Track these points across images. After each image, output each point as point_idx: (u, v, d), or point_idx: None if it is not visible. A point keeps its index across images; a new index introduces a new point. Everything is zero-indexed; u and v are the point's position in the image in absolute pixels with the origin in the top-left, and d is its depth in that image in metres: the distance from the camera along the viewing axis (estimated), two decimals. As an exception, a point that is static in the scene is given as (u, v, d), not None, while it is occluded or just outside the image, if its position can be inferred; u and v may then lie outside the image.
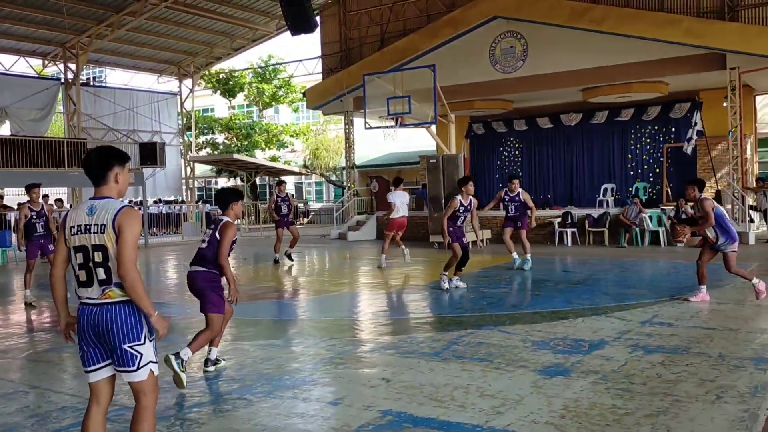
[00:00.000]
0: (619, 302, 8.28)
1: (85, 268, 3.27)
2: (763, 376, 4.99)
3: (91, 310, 3.25)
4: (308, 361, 5.97)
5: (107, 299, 3.23)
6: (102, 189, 3.35)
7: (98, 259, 3.24)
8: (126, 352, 3.22)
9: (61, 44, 23.80)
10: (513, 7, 18.39)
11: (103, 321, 3.22)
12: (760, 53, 15.33)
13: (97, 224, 3.24)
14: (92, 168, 3.35)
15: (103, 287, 3.24)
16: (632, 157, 20.35)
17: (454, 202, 9.63)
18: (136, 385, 3.29)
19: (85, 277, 3.28)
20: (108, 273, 3.24)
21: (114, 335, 3.21)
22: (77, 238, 3.28)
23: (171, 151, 27.19)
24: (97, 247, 3.24)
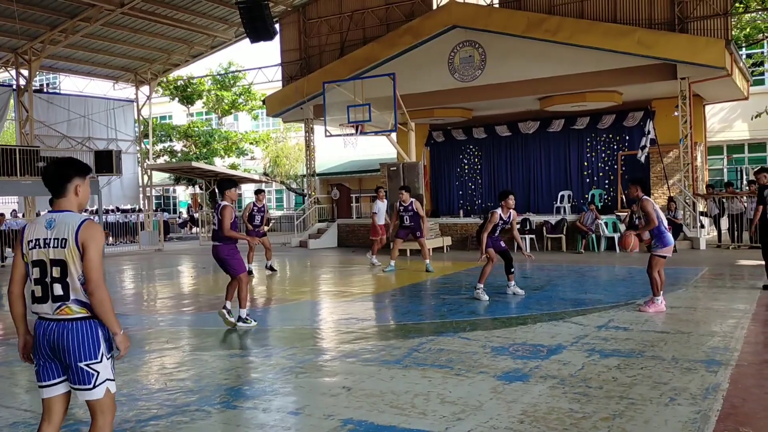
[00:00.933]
0: (577, 307, 8.43)
1: (41, 283, 3.16)
2: (714, 378, 5.13)
3: (48, 325, 3.16)
4: (268, 370, 5.92)
5: (64, 315, 3.13)
6: (61, 201, 3.25)
7: (56, 275, 3.13)
8: (82, 370, 3.14)
9: (13, 50, 23.21)
10: (470, 17, 18.65)
11: (59, 338, 3.13)
12: (708, 64, 15.84)
13: (57, 238, 3.14)
14: (51, 180, 3.25)
15: (58, 303, 3.14)
16: (588, 165, 20.78)
17: (494, 216, 9.22)
18: (93, 404, 3.20)
19: (40, 293, 3.17)
20: (66, 289, 3.14)
21: (70, 353, 3.12)
22: (35, 252, 3.17)
23: (127, 159, 26.72)
24: (55, 262, 3.14)
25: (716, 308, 8.09)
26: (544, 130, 21.17)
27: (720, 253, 15.11)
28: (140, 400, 5.09)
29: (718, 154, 25.83)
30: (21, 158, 19.48)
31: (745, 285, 9.97)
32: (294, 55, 23.21)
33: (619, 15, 17.69)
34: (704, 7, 16.88)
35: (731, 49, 16.31)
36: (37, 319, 3.22)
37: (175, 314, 9.38)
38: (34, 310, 3.21)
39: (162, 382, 5.65)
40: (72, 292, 3.14)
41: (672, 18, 17.17)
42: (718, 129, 25.01)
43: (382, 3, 21.33)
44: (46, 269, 3.15)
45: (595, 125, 20.30)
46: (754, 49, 25.05)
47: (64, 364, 3.17)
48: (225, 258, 7.69)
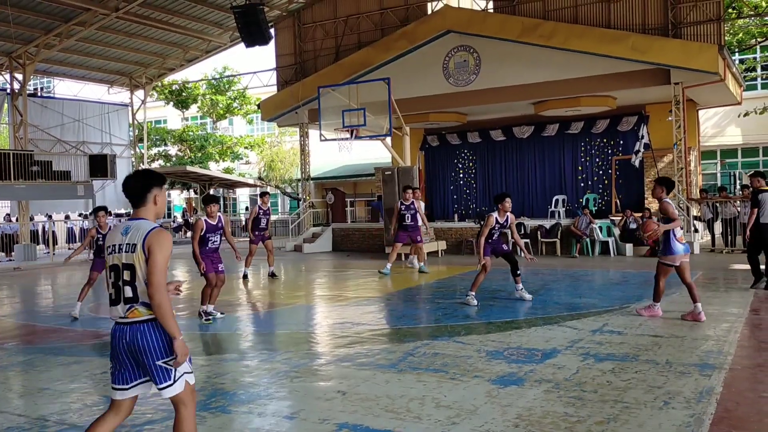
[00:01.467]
0: (571, 311, 8.45)
1: (115, 286, 3.38)
2: (708, 381, 5.15)
3: (123, 329, 3.33)
4: (263, 375, 5.92)
5: (134, 318, 3.32)
6: (140, 210, 3.48)
7: (126, 278, 3.34)
8: (161, 368, 3.31)
9: (7, 54, 23.17)
10: (465, 22, 18.71)
11: (133, 340, 3.30)
12: (702, 69, 15.92)
13: (129, 243, 3.36)
14: (132, 190, 3.48)
15: (128, 305, 3.33)
16: (582, 169, 20.84)
17: (489, 219, 9.14)
18: (175, 398, 3.38)
19: (114, 296, 3.38)
20: (134, 292, 3.33)
21: (147, 353, 3.29)
22: (111, 258, 3.41)
23: (121, 163, 26.69)
24: (126, 266, 3.35)
25: (710, 312, 8.11)
26: (538, 135, 21.23)
27: (714, 257, 15.16)
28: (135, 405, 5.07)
29: (712, 158, 25.95)
30: (15, 162, 19.45)
31: (738, 289, 10.01)
32: (289, 59, 23.23)
33: (613, 20, 17.77)
34: (697, 13, 16.98)
35: (724, 54, 16.40)
36: (114, 324, 3.42)
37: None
38: (111, 314, 3.42)
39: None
40: (141, 295, 3.33)
41: (665, 23, 17.25)
42: (711, 134, 25.14)
43: (377, 8, 21.38)
44: (119, 273, 3.36)
45: (589, 130, 20.36)
46: (747, 55, 25.20)
47: (142, 365, 3.33)
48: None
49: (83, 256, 22.30)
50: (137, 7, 21.21)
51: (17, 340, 8.10)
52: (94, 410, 4.97)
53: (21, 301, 12.35)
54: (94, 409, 4.98)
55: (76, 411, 4.98)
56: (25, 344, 7.83)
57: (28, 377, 6.17)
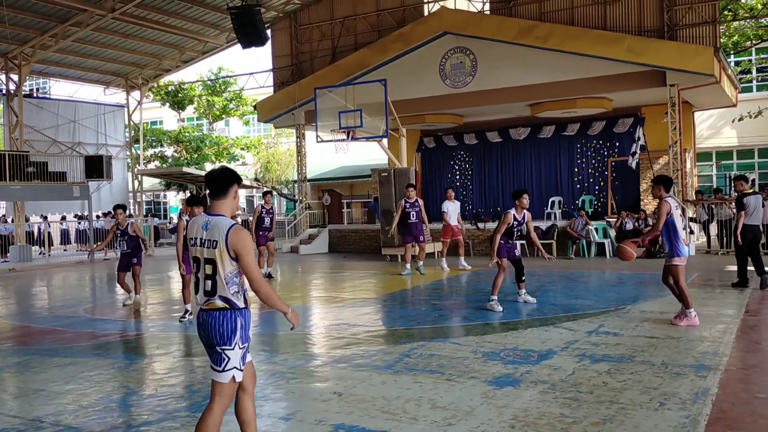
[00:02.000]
0: (567, 313, 8.46)
1: (196, 277, 3.66)
2: (704, 382, 5.16)
3: (200, 315, 3.64)
4: (260, 376, 5.89)
5: (209, 307, 3.58)
6: (218, 204, 3.66)
7: (208, 272, 3.57)
8: (218, 353, 3.55)
9: (3, 54, 23.10)
10: (461, 23, 18.73)
11: (205, 324, 3.59)
12: (697, 71, 15.97)
13: (210, 239, 3.56)
14: (217, 182, 3.67)
15: (206, 297, 3.58)
16: (578, 171, 20.87)
17: (507, 216, 8.90)
18: (218, 387, 3.57)
19: (196, 285, 3.68)
20: (213, 286, 3.57)
21: (212, 337, 3.56)
22: (194, 249, 3.66)
23: (117, 165, 26.59)
24: (207, 261, 3.57)
25: (705, 313, 8.13)
26: (534, 136, 21.26)
27: (709, 259, 15.20)
28: (131, 406, 5.08)
29: (707, 160, 26.02)
30: (10, 163, 19.37)
31: (734, 290, 10.03)
32: (285, 60, 23.22)
33: (608, 22, 17.82)
34: (693, 15, 17.03)
35: (720, 56, 16.44)
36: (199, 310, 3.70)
37: (165, 320, 9.34)
38: (198, 299, 3.69)
39: (152, 388, 5.63)
40: (219, 289, 3.55)
41: (661, 25, 17.30)
42: (706, 135, 25.21)
43: (374, 9, 21.39)
44: (200, 266, 3.61)
45: (585, 131, 20.40)
46: (742, 57, 25.28)
47: (208, 348, 3.63)
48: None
49: (81, 256, 22.31)
50: (133, 8, 21.17)
51: (12, 342, 8.08)
52: (90, 411, 4.96)
53: (16, 302, 12.31)
54: (90, 411, 4.97)
55: (71, 412, 4.97)
56: (21, 345, 7.81)
57: (24, 378, 6.15)
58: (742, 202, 10.26)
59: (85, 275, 16.62)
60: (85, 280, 15.70)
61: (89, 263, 20.16)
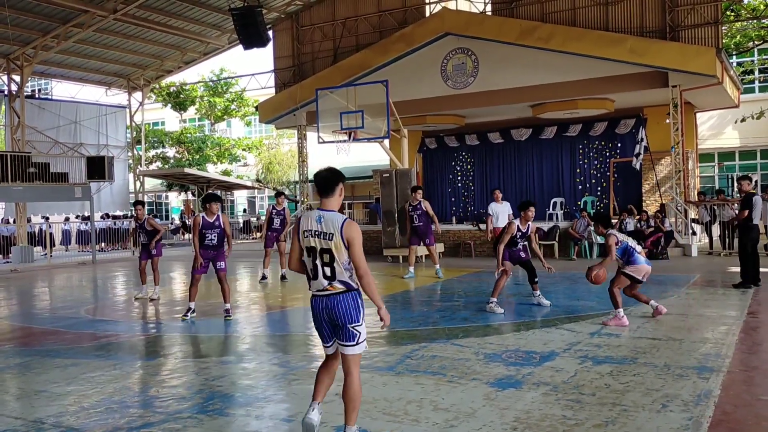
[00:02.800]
0: (569, 314, 8.45)
1: (312, 265, 4.08)
2: (706, 384, 5.15)
3: (322, 300, 4.08)
4: (261, 377, 5.91)
5: (332, 291, 4.04)
6: (328, 201, 4.15)
7: (326, 260, 4.03)
8: (350, 331, 4.03)
9: (5, 56, 23.13)
10: (463, 24, 18.72)
11: (333, 307, 4.04)
12: (699, 72, 15.95)
13: (325, 232, 4.01)
14: (326, 182, 4.15)
15: (327, 282, 4.04)
16: (580, 172, 20.85)
17: (511, 227, 8.94)
18: (350, 358, 4.05)
19: (312, 272, 4.11)
20: (332, 272, 4.03)
21: (341, 317, 4.02)
22: (308, 240, 4.08)
23: (117, 166, 26.57)
24: (324, 251, 4.02)
25: (708, 315, 8.12)
26: (536, 137, 21.24)
27: (711, 260, 15.17)
28: (132, 407, 5.07)
29: (709, 161, 26.00)
30: (12, 164, 19.39)
31: (736, 292, 10.01)
32: (287, 61, 23.23)
33: (610, 23, 17.81)
34: (695, 16, 17.01)
35: (722, 57, 16.43)
36: (312, 297, 4.16)
37: (167, 321, 9.34)
38: (310, 286, 4.15)
39: (154, 389, 5.63)
40: (338, 274, 4.03)
41: (663, 26, 17.29)
42: (708, 136, 25.19)
43: (375, 10, 21.39)
44: (316, 254, 4.05)
45: (587, 132, 20.38)
46: (745, 57, 25.25)
47: (336, 327, 4.07)
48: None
49: (83, 256, 22.32)
50: (135, 9, 21.19)
51: (14, 342, 8.08)
52: (91, 413, 4.95)
53: (18, 303, 12.32)
54: (91, 412, 4.97)
55: (73, 413, 4.97)
56: (22, 346, 7.81)
57: (25, 379, 6.15)
58: (750, 201, 10.21)
59: (86, 276, 16.63)
60: (87, 281, 15.70)
61: (91, 264, 20.16)
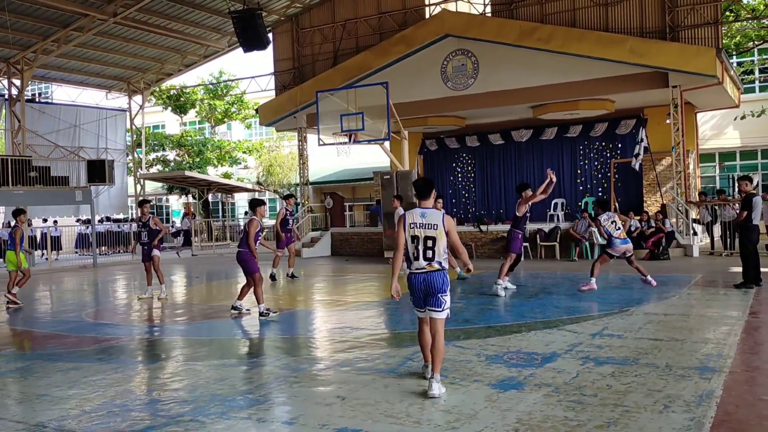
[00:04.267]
0: (571, 315, 8.44)
1: (415, 249, 5.28)
2: (708, 385, 5.14)
3: (420, 276, 5.29)
4: (263, 380, 5.90)
5: (430, 269, 5.25)
6: (425, 202, 5.44)
7: (429, 245, 5.24)
8: (438, 299, 5.23)
9: (5, 60, 23.17)
10: (463, 26, 18.73)
11: (429, 281, 5.25)
12: (699, 72, 15.95)
13: (429, 224, 5.27)
14: (425, 188, 5.46)
15: (427, 261, 5.25)
16: (581, 173, 20.84)
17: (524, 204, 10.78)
18: (437, 322, 5.24)
19: (414, 255, 5.29)
20: (433, 254, 5.25)
21: (435, 288, 5.23)
22: (413, 230, 5.28)
23: (116, 169, 26.57)
24: (428, 238, 5.25)
25: (709, 315, 8.11)
26: (537, 138, 21.23)
27: (713, 260, 15.16)
28: (133, 411, 5.07)
29: (710, 161, 25.98)
30: (13, 168, 19.41)
31: (737, 292, 10.00)
32: (287, 64, 23.24)
33: (610, 24, 17.81)
34: (695, 16, 17.01)
35: (722, 57, 16.42)
36: (410, 273, 5.32)
37: (168, 324, 9.34)
38: (412, 266, 5.31)
39: (155, 392, 5.62)
40: (437, 256, 5.26)
41: (663, 26, 17.29)
42: (709, 136, 25.16)
43: (375, 12, 21.40)
44: (419, 242, 5.26)
45: (587, 133, 20.37)
46: (745, 57, 25.24)
47: (428, 297, 5.26)
48: (245, 260, 9.22)
49: (84, 260, 22.32)
50: (135, 13, 21.22)
51: (15, 347, 8.08)
52: (93, 416, 4.95)
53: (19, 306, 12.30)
54: (93, 415, 4.97)
55: (74, 417, 4.96)
56: (24, 350, 7.81)
57: (27, 383, 6.15)
58: (750, 202, 10.19)
59: (87, 280, 16.63)
60: (88, 284, 15.70)
61: (92, 267, 20.16)
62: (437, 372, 5.15)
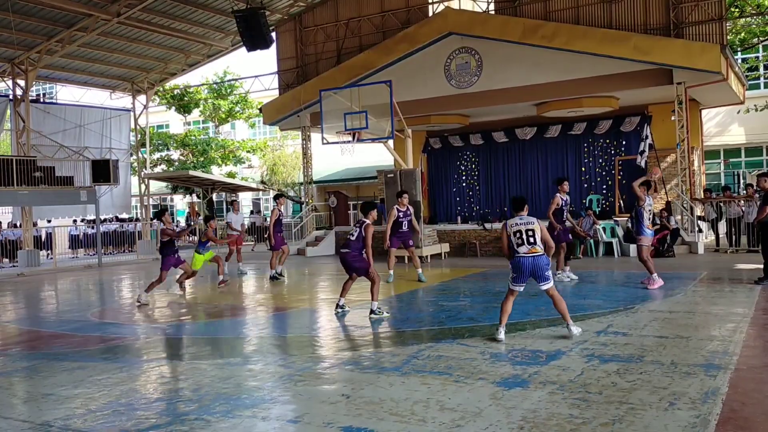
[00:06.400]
0: (575, 313, 8.40)
1: (519, 239, 6.83)
2: (713, 382, 5.13)
3: (527, 259, 6.79)
4: (267, 379, 5.91)
5: (533, 253, 6.79)
6: (521, 212, 7.03)
7: (530, 235, 6.82)
8: (545, 274, 6.83)
9: (10, 60, 23.24)
10: (466, 24, 18.70)
11: (535, 262, 6.79)
12: (704, 69, 15.90)
13: (527, 222, 6.91)
14: (520, 203, 7.12)
15: (529, 246, 6.79)
16: (585, 170, 20.79)
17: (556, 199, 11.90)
18: (548, 290, 6.90)
19: (521, 242, 6.82)
20: (535, 241, 6.81)
21: (540, 268, 6.80)
22: (514, 227, 6.89)
23: (122, 168, 26.65)
24: (528, 230, 6.84)
25: (715, 312, 8.09)
26: (541, 136, 21.19)
27: (718, 257, 15.12)
28: (139, 410, 5.08)
29: (715, 158, 25.91)
30: (18, 168, 19.47)
31: (743, 289, 9.97)
32: (290, 63, 23.25)
33: (614, 21, 17.77)
34: (699, 12, 16.96)
35: (727, 53, 16.36)
36: (518, 257, 6.80)
37: (173, 323, 9.36)
38: (519, 251, 6.81)
39: (160, 391, 5.64)
40: (538, 243, 6.82)
41: (667, 23, 17.24)
42: (714, 133, 25.09)
43: (378, 10, 21.40)
44: (522, 234, 6.84)
45: (592, 130, 20.32)
46: (750, 54, 25.15)
47: (535, 275, 6.82)
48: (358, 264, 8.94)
49: (89, 260, 22.41)
50: (139, 12, 21.26)
51: (21, 346, 8.11)
52: (98, 415, 4.96)
53: (25, 306, 12.36)
54: (98, 414, 4.98)
55: (80, 416, 4.98)
56: (29, 350, 7.83)
57: (32, 383, 6.17)
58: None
59: (93, 280, 16.67)
60: (93, 284, 15.74)
61: (97, 267, 20.22)
62: (568, 321, 6.93)
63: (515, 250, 6.80)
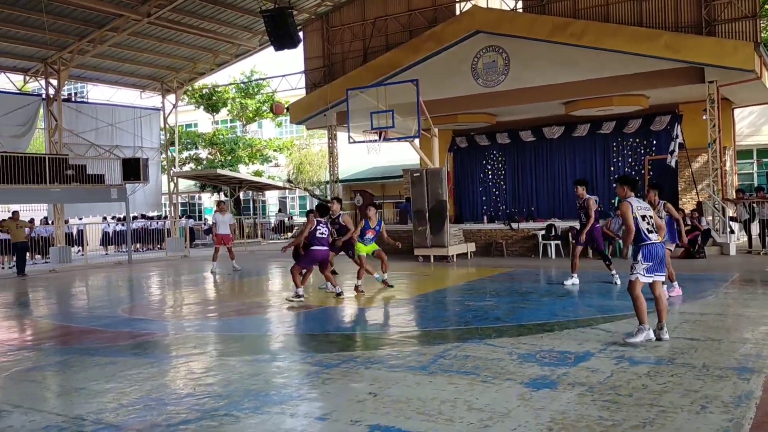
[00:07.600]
0: (604, 314, 8.33)
1: (647, 224, 6.54)
2: (747, 385, 5.04)
3: (655, 246, 6.52)
4: (295, 376, 5.95)
5: (661, 241, 6.61)
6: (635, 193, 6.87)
7: (649, 222, 6.55)
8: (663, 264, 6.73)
9: (43, 60, 23.65)
10: (494, 22, 18.61)
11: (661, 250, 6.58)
12: (736, 67, 15.62)
13: (646, 207, 6.69)
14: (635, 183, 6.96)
15: (655, 234, 6.57)
16: (614, 170, 20.56)
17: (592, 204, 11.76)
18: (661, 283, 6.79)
19: (648, 230, 6.53)
20: (653, 228, 6.56)
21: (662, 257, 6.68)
22: (642, 211, 6.57)
23: (151, 167, 26.92)
24: (645, 217, 6.57)
25: (747, 315, 7.95)
26: (569, 135, 20.99)
27: (750, 259, 14.85)
28: (169, 405, 5.14)
29: (748, 158, 25.44)
30: (50, 166, 19.82)
31: (776, 291, 9.78)
32: (317, 62, 23.34)
33: (644, 18, 17.53)
34: (732, 10, 16.67)
35: (761, 51, 16.06)
36: (650, 243, 6.50)
37: (201, 320, 9.46)
38: (650, 238, 6.51)
39: (190, 387, 5.70)
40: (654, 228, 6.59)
41: (699, 21, 16.97)
42: (747, 133, 24.63)
43: (405, 9, 21.38)
44: (648, 219, 6.56)
45: (621, 129, 20.08)
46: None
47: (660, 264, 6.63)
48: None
49: (119, 257, 22.77)
50: (168, 13, 21.49)
51: (54, 341, 8.26)
52: (130, 410, 5.04)
53: (57, 302, 12.59)
54: (130, 409, 5.05)
55: (112, 411, 5.06)
56: (62, 345, 7.97)
57: (65, 377, 6.28)
58: None
59: (123, 276, 16.92)
60: (124, 280, 15.97)
61: (127, 264, 20.51)
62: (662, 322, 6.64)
63: (646, 236, 6.42)
